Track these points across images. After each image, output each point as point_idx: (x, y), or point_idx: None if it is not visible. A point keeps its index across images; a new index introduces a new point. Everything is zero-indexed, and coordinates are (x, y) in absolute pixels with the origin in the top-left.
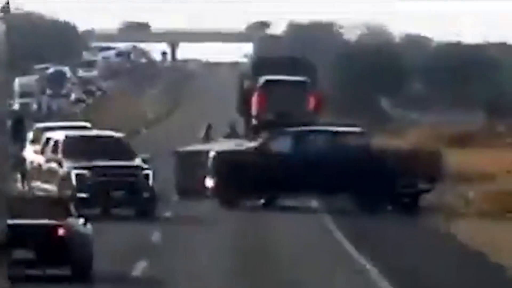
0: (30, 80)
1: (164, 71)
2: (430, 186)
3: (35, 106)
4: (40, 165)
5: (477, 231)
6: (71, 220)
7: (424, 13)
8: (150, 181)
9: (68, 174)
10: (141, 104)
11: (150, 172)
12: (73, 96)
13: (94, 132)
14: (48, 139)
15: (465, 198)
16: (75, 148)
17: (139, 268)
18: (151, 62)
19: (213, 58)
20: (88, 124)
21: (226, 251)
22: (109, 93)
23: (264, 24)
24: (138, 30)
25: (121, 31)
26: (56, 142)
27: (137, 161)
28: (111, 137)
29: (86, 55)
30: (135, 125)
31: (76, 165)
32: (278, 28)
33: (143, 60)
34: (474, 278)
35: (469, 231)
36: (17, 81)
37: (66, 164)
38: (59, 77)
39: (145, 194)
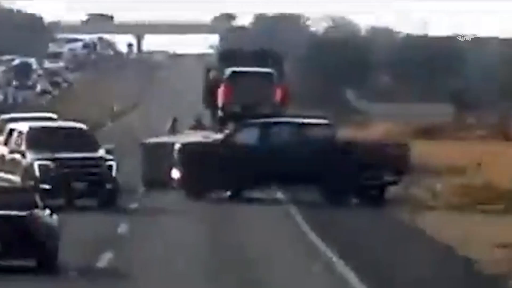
0: None
1: (130, 63)
2: (397, 178)
3: (0, 97)
4: (3, 156)
5: (445, 224)
6: (37, 211)
7: (391, 7)
8: (114, 172)
9: (31, 165)
10: (107, 96)
11: (113, 163)
12: (38, 88)
13: (58, 123)
14: (11, 130)
15: (432, 191)
16: (39, 139)
17: (105, 259)
18: (117, 53)
19: (179, 50)
20: (54, 116)
21: (192, 242)
22: (75, 84)
23: (230, 16)
24: (102, 21)
25: (86, 23)
26: (20, 133)
27: (101, 153)
28: (74, 128)
29: (52, 47)
30: (101, 117)
31: (39, 156)
32: (244, 20)
33: (109, 52)
34: (441, 271)
35: (436, 224)
36: None
37: (30, 155)
38: (25, 68)
39: (108, 186)
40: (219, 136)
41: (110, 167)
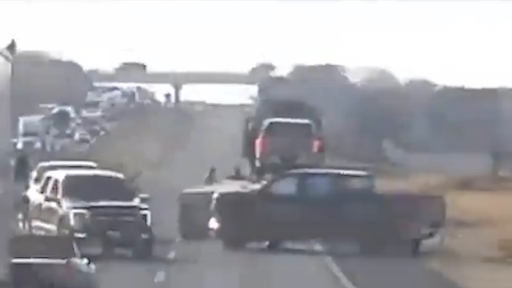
0: (34, 119)
1: (168, 113)
2: (433, 230)
3: (38, 144)
4: (40, 204)
5: (476, 275)
6: (74, 260)
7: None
8: (148, 222)
9: (67, 213)
10: (145, 145)
11: (148, 212)
12: (77, 136)
13: (94, 172)
14: (48, 178)
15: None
16: (75, 187)
17: None
18: (155, 103)
19: (217, 100)
20: (93, 164)
21: None
22: (113, 133)
23: (269, 66)
24: (136, 70)
25: (122, 72)
26: (56, 181)
27: (136, 202)
28: (110, 177)
29: (91, 96)
30: (138, 166)
31: (75, 204)
32: (282, 70)
33: (148, 101)
34: None
35: (468, 275)
36: (21, 120)
37: (65, 204)
38: (64, 116)
39: (143, 235)
40: (257, 186)
41: (145, 216)
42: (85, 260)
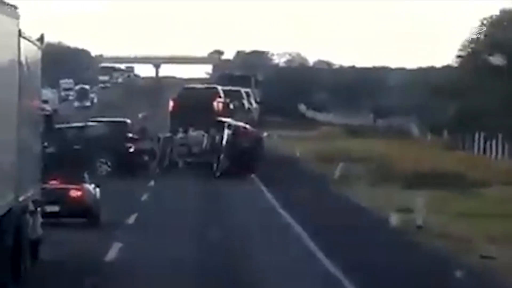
0: (48, 91)
1: (150, 84)
2: None
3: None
4: None
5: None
6: (85, 185)
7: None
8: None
9: None
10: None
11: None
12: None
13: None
14: None
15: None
16: None
17: (133, 218)
18: (142, 78)
19: (184, 75)
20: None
21: None
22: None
23: (220, 52)
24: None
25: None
26: None
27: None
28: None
29: (101, 74)
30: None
31: None
32: (229, 55)
33: (139, 77)
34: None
35: (356, 194)
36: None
37: None
38: (85, 92)
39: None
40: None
41: None
42: (93, 185)
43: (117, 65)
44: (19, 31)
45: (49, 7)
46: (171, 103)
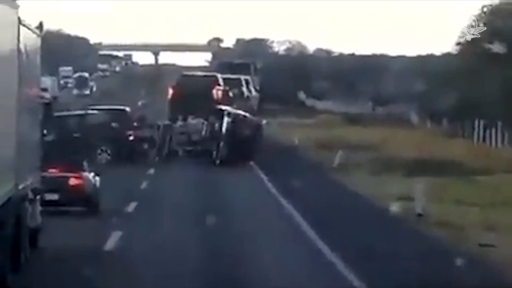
0: (48, 79)
1: (150, 71)
2: None
3: (70, 85)
4: None
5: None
6: (84, 173)
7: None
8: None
9: None
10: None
11: None
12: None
13: (107, 107)
14: None
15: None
16: None
17: (132, 206)
18: (141, 66)
19: (184, 63)
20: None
21: None
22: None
23: (219, 40)
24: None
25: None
26: None
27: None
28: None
29: (100, 62)
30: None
31: None
32: (228, 43)
33: (138, 64)
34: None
35: (355, 182)
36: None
37: None
38: (84, 80)
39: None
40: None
41: None
42: (92, 174)
43: (115, 53)
44: (19, 18)
45: None
46: (170, 91)
